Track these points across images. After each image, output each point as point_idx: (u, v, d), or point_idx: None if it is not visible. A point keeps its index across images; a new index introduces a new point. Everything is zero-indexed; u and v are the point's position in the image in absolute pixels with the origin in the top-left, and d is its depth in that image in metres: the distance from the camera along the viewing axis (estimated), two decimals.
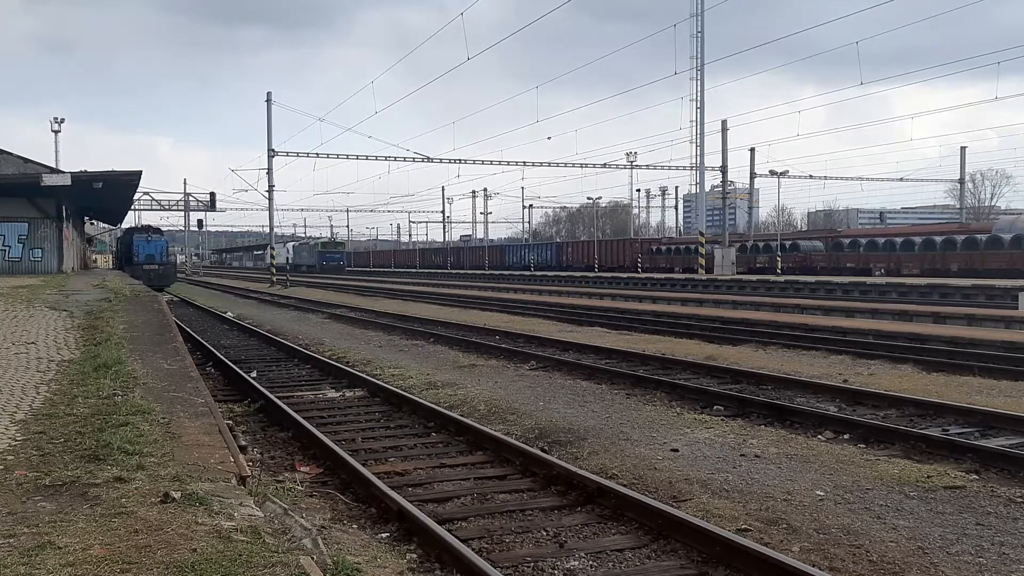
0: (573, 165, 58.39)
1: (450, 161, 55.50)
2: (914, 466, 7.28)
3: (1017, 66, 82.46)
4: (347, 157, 54.14)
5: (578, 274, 57.55)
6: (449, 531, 5.61)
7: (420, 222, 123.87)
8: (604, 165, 61.63)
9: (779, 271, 46.56)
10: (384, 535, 5.81)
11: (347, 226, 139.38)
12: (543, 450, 8.05)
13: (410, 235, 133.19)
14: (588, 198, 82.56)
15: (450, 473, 7.57)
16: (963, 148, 71.66)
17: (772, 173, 55.88)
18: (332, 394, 12.01)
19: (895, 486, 6.68)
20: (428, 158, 53.50)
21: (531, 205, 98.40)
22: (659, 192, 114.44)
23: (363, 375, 13.01)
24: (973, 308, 23.03)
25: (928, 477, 6.88)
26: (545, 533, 5.85)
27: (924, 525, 5.75)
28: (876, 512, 6.04)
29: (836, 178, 70.59)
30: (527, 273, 64.33)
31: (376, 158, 54.00)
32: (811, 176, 64.22)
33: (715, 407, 10.31)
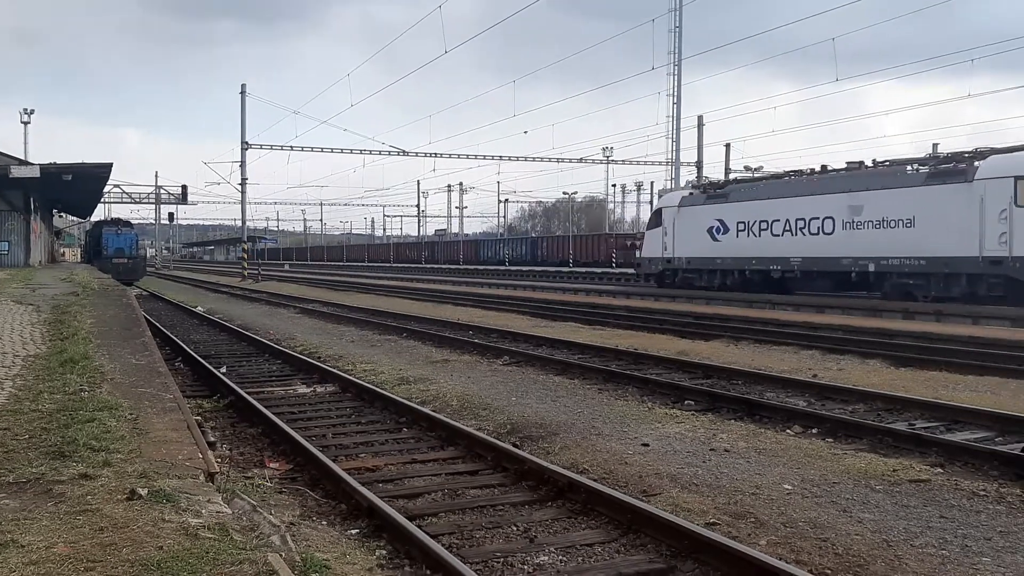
0: (549, 160, 58.38)
1: (426, 155, 55.30)
2: (880, 460, 7.37)
3: (988, 64, 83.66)
4: (321, 150, 53.79)
5: (553, 269, 57.63)
6: (419, 527, 5.61)
7: (395, 216, 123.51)
8: (580, 160, 61.64)
9: None
10: (354, 531, 5.79)
11: (321, 220, 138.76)
12: (515, 445, 8.06)
13: (384, 229, 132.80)
14: (564, 193, 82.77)
15: (421, 469, 7.56)
16: (935, 145, 72.18)
17: (747, 168, 56.18)
18: (303, 389, 11.95)
19: (861, 480, 6.76)
20: (404, 152, 53.30)
21: (507, 200, 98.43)
22: (635, 187, 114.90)
23: (335, 370, 12.96)
24: (942, 304, 23.31)
25: (894, 471, 6.97)
26: (516, 528, 5.86)
27: (889, 518, 5.82)
28: (842, 506, 6.11)
29: None
30: (502, 268, 64.35)
31: (351, 151, 53.65)
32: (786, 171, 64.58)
33: (686, 402, 10.38)
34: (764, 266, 27.16)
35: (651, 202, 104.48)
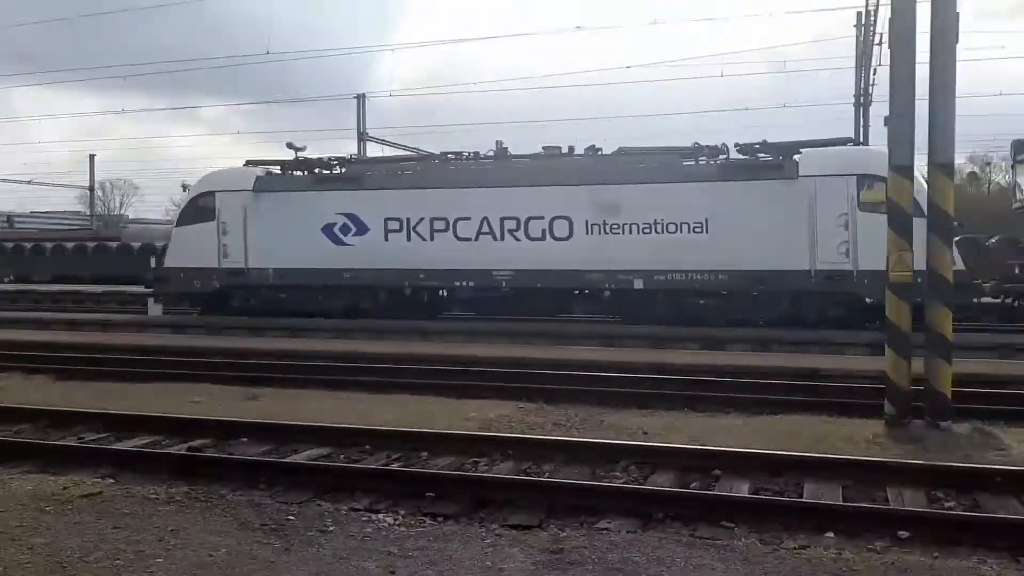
0: None
1: None
2: (51, 479, 7.01)
3: (141, 82, 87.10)
4: None
5: None
6: None
7: None
8: None
9: None
10: None
11: None
12: None
13: None
14: None
15: None
16: (92, 156, 72.13)
17: None
18: None
19: (31, 503, 6.32)
20: None
21: None
22: None
23: None
24: (108, 314, 23.56)
25: (64, 488, 6.70)
26: None
27: (62, 538, 5.56)
28: (11, 534, 5.61)
29: None
30: None
31: None
32: None
33: None
34: (444, 282, 19.99)
35: None
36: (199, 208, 21.43)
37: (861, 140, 20.50)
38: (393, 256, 19.78)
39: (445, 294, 20.47)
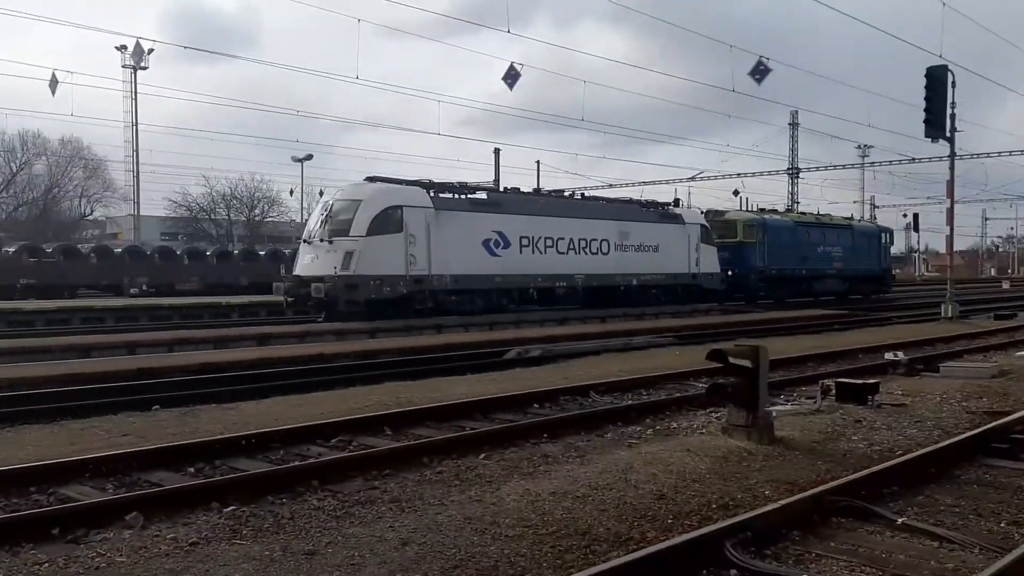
0: None
1: None
2: None
3: None
4: None
5: None
6: None
7: None
8: None
9: None
10: None
11: None
12: None
13: None
14: None
15: None
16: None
17: None
18: None
19: None
20: None
21: None
22: None
23: None
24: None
25: None
26: None
27: None
28: None
29: None
30: None
31: None
32: None
33: None
34: (550, 283, 28.30)
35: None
36: (386, 220, 23.62)
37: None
38: (522, 265, 27.01)
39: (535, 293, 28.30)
